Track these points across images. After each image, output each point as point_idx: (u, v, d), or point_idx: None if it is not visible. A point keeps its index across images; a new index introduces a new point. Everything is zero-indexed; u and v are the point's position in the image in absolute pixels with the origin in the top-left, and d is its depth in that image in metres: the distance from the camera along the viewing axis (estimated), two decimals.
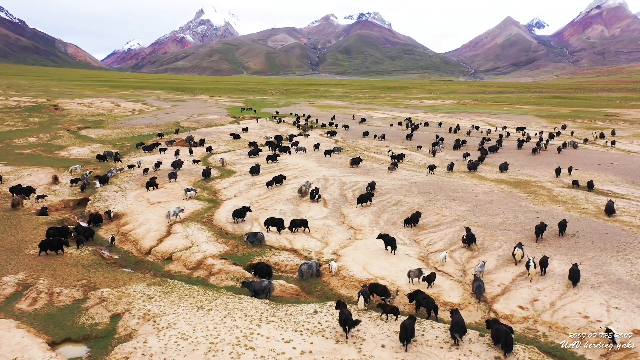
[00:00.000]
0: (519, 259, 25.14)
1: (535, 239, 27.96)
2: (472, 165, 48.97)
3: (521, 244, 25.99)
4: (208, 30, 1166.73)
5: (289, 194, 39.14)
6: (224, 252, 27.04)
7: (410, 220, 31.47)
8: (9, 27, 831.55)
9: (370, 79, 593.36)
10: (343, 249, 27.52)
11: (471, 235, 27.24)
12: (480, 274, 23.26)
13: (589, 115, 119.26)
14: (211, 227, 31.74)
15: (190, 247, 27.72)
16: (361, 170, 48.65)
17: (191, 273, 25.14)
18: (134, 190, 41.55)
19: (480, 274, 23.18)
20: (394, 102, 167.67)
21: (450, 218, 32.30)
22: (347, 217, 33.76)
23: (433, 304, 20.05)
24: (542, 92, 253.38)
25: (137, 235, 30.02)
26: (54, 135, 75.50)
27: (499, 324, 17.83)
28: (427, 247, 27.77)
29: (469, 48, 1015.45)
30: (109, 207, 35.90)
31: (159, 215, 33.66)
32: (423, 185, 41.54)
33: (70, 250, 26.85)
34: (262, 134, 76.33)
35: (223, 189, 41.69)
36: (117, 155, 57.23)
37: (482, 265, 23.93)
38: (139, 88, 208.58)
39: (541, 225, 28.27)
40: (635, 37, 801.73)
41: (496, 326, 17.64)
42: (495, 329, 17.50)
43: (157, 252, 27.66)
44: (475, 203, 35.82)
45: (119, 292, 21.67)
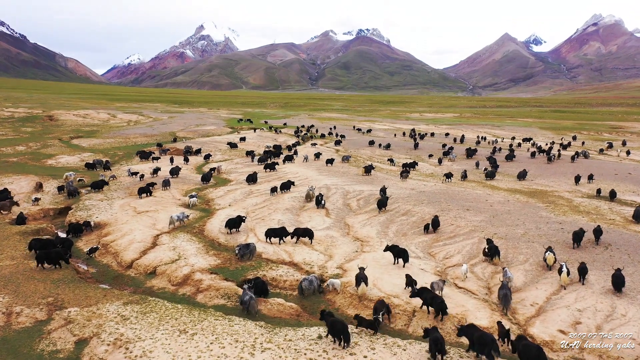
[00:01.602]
0: (550, 263, 22.74)
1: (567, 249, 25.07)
2: (489, 174, 47.02)
3: (551, 247, 23.74)
4: (208, 46, 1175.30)
5: (288, 203, 36.14)
6: (214, 266, 23.91)
7: (429, 226, 29.23)
8: (10, 41, 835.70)
9: (369, 94, 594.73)
10: (349, 262, 24.41)
11: (494, 247, 24.22)
12: (508, 281, 20.67)
13: (594, 127, 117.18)
14: (202, 238, 28.65)
15: (176, 260, 24.59)
16: (365, 179, 45.76)
17: (176, 290, 21.98)
18: (122, 198, 38.50)
19: (508, 281, 20.64)
20: (395, 115, 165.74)
21: (466, 229, 29.29)
22: (352, 227, 30.71)
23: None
24: (543, 106, 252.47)
25: (118, 246, 26.89)
26: (44, 144, 72.72)
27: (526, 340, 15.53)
28: (444, 261, 24.67)
29: (467, 64, 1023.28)
30: (91, 216, 32.83)
31: (144, 225, 30.58)
32: (433, 194, 38.61)
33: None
34: (260, 144, 73.64)
35: (217, 198, 38.67)
36: (107, 164, 54.32)
37: (507, 272, 21.41)
38: (137, 101, 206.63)
39: (579, 231, 25.84)
40: (632, 53, 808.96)
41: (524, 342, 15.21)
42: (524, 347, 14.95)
43: (139, 265, 24.51)
44: (491, 213, 32.85)
45: (89, 312, 18.51)
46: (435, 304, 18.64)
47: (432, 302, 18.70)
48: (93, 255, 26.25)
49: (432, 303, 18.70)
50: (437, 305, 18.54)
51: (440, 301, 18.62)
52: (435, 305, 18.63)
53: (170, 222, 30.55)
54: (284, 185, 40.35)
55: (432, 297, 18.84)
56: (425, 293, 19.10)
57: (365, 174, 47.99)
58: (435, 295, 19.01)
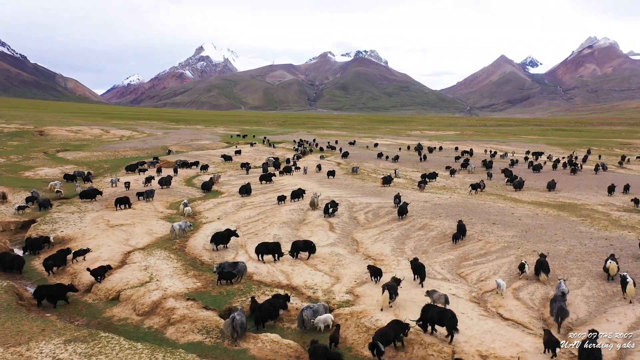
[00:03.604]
0: (613, 273, 19.22)
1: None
2: (517, 184, 43.34)
3: (614, 255, 20.17)
4: (207, 67, 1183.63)
5: (286, 216, 31.46)
6: (193, 290, 19.10)
7: (459, 236, 25.55)
8: (11, 62, 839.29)
9: (367, 114, 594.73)
10: (361, 286, 19.64)
11: (544, 262, 19.72)
12: (564, 293, 17.15)
13: (603, 143, 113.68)
14: (182, 256, 23.87)
15: (146, 282, 19.79)
16: (372, 191, 41.20)
17: (141, 321, 17.14)
18: (96, 211, 33.78)
19: (564, 292, 17.15)
20: (395, 132, 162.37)
21: (497, 245, 24.60)
22: (361, 243, 25.99)
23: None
24: (543, 125, 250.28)
25: (78, 265, 22.07)
26: (27, 157, 68.25)
27: None
28: (479, 284, 19.89)
29: (464, 85, 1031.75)
30: (55, 230, 28.10)
31: (115, 241, 25.82)
32: (450, 207, 34.00)
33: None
34: (256, 157, 69.33)
35: (205, 211, 33.97)
36: (89, 176, 49.84)
37: (562, 284, 17.74)
38: (134, 119, 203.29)
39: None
40: (627, 75, 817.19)
41: None
42: None
43: (99, 289, 19.67)
44: (522, 227, 28.22)
45: (14, 354, 13.66)
46: (445, 320, 15.01)
47: (442, 319, 15.12)
48: (50, 275, 21.44)
49: (442, 320, 15.12)
50: (448, 320, 14.92)
51: (451, 315, 15.02)
52: (445, 321, 14.99)
53: (172, 232, 26.94)
54: (295, 193, 36.67)
55: (440, 313, 15.25)
56: (430, 311, 15.49)
57: (383, 185, 44.25)
58: (444, 310, 15.44)
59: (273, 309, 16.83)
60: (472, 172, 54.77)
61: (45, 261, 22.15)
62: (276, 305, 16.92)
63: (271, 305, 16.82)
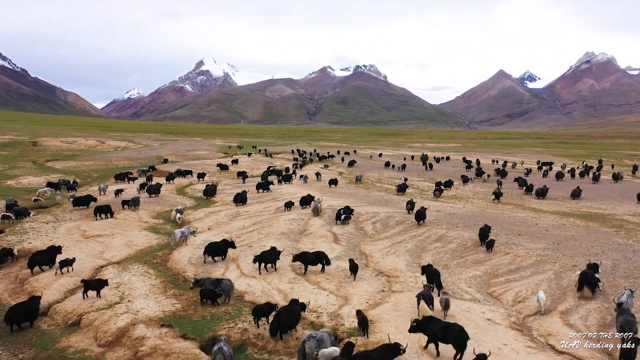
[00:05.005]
0: None
1: None
2: (541, 192, 40.77)
3: None
4: (207, 81, 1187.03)
5: (285, 227, 28.13)
6: (170, 314, 15.67)
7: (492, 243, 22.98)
8: (11, 75, 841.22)
9: (366, 128, 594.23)
10: (375, 309, 16.23)
11: (592, 277, 16.48)
12: (630, 307, 14.30)
13: (610, 155, 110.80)
14: (163, 271, 20.48)
15: (116, 303, 16.39)
16: (377, 201, 37.94)
17: (102, 354, 13.68)
18: (74, 220, 30.42)
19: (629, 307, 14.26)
20: (396, 144, 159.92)
21: (529, 259, 21.25)
22: (371, 257, 22.62)
23: None
24: (545, 138, 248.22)
25: (39, 282, 18.67)
26: (13, 166, 65.27)
27: None
28: (517, 307, 16.47)
29: (463, 100, 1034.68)
30: (22, 242, 24.73)
31: (88, 254, 22.45)
32: (466, 217, 30.71)
33: None
34: (253, 166, 66.22)
35: (195, 221, 30.62)
36: (74, 184, 46.59)
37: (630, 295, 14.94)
38: (133, 132, 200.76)
39: None
40: (625, 90, 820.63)
41: None
42: None
43: (58, 311, 16.25)
44: (551, 239, 24.90)
45: None
46: (451, 336, 12.20)
47: (447, 335, 12.35)
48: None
49: (447, 336, 12.36)
50: (455, 336, 12.12)
51: (459, 329, 12.21)
52: (451, 337, 12.19)
53: (172, 239, 24.13)
54: (304, 199, 33.90)
55: (444, 328, 12.46)
56: (432, 324, 12.71)
57: (398, 194, 41.55)
58: (449, 324, 12.58)
59: (292, 317, 14.33)
60: (487, 180, 51.82)
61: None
62: (295, 313, 14.48)
63: (290, 312, 14.31)
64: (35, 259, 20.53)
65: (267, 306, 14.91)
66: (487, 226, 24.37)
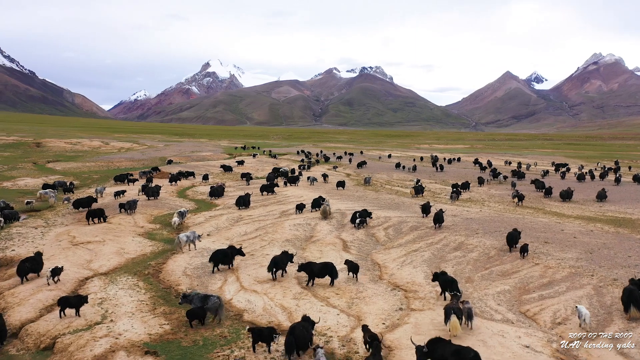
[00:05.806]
0: None
1: None
2: (565, 194, 38.85)
3: None
4: (213, 82, 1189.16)
5: (290, 233, 26.06)
6: (156, 338, 13.62)
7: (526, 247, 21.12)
8: (20, 77, 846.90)
9: (372, 129, 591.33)
10: (393, 331, 14.08)
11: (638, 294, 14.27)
12: None
13: (623, 156, 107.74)
14: (154, 284, 18.47)
15: (96, 324, 14.38)
16: (387, 204, 35.76)
17: None
18: (65, 225, 28.58)
19: None
20: (404, 145, 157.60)
21: (562, 271, 19.01)
22: (384, 268, 20.49)
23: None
24: (553, 140, 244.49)
25: (13, 298, 16.70)
26: (13, 167, 64.01)
27: None
28: (558, 330, 14.24)
29: (469, 101, 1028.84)
30: (6, 249, 22.85)
31: (74, 263, 20.50)
32: (485, 222, 28.47)
33: None
34: (258, 168, 64.27)
35: (194, 225, 28.64)
36: (71, 186, 44.81)
37: None
38: (138, 133, 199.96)
39: None
40: (633, 91, 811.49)
41: None
42: None
43: (30, 333, 14.24)
44: (583, 248, 22.62)
45: None
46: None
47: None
48: None
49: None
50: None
51: (473, 355, 10.96)
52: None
53: (176, 244, 22.63)
54: (316, 202, 32.15)
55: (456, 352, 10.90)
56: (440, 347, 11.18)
57: (415, 196, 39.74)
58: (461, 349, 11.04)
59: (306, 333, 12.79)
60: (503, 182, 49.65)
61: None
62: (308, 330, 12.92)
63: (304, 329, 12.78)
64: (25, 266, 18.53)
65: (267, 331, 12.84)
66: (516, 230, 22.28)
